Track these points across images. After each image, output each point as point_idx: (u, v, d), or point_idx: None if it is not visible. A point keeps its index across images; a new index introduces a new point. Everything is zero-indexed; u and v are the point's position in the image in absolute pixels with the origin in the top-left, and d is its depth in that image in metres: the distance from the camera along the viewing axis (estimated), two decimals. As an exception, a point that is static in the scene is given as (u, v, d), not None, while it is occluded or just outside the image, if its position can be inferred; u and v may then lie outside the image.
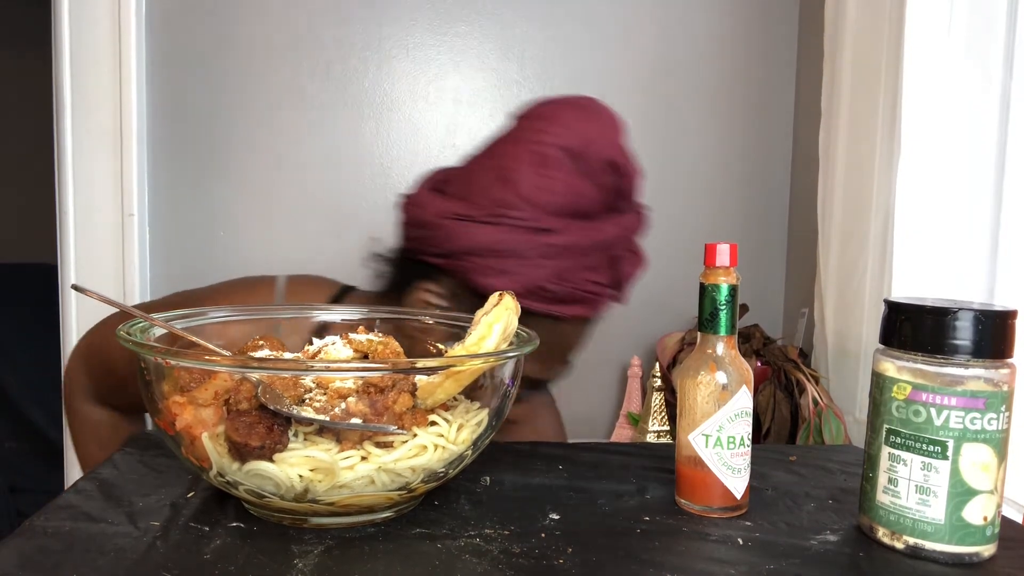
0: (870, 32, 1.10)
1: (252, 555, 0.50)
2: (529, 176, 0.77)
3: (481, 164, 0.81)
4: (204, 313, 0.69)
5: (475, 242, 0.76)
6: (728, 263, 0.61)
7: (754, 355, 1.26)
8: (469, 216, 0.77)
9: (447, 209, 0.78)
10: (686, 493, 0.62)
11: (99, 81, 1.33)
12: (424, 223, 0.79)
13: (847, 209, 1.16)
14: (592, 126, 0.80)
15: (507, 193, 0.77)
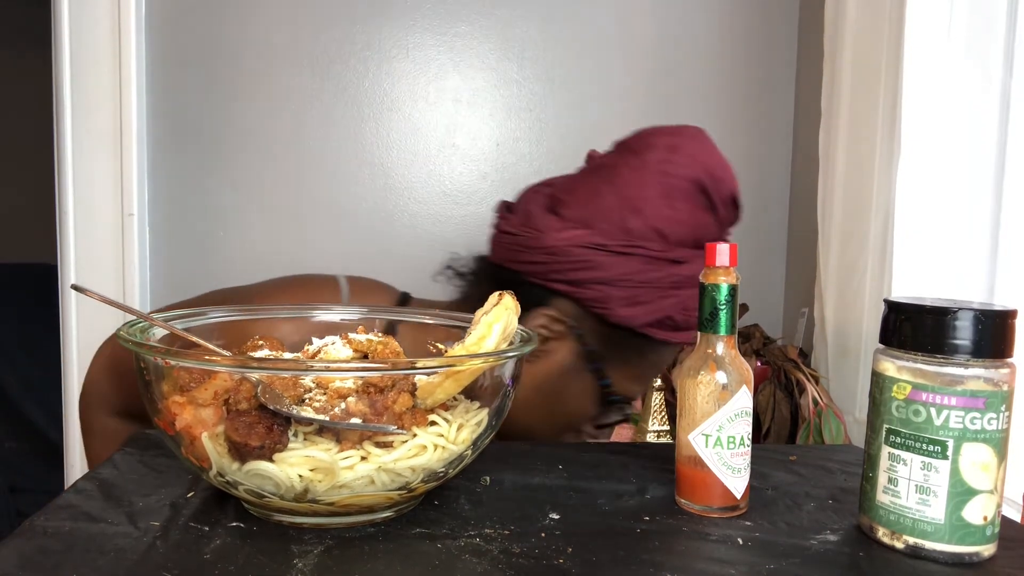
0: (870, 32, 1.10)
1: (252, 555, 0.50)
2: (659, 207, 0.78)
3: (599, 190, 0.80)
4: (204, 313, 0.69)
5: (610, 272, 0.77)
6: (728, 263, 0.61)
7: (754, 355, 1.26)
8: (603, 246, 0.77)
9: (577, 237, 0.78)
10: (686, 493, 0.62)
11: (99, 81, 1.33)
12: (550, 250, 0.78)
13: (847, 209, 1.16)
14: (714, 159, 0.82)
15: (638, 223, 0.78)
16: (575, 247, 0.78)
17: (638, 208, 0.78)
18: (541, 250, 0.79)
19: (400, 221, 1.45)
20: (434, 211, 1.45)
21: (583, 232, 0.78)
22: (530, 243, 0.80)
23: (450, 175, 1.45)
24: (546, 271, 0.80)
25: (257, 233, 1.43)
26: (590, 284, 0.79)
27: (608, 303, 0.79)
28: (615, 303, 0.79)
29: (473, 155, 1.45)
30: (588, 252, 0.78)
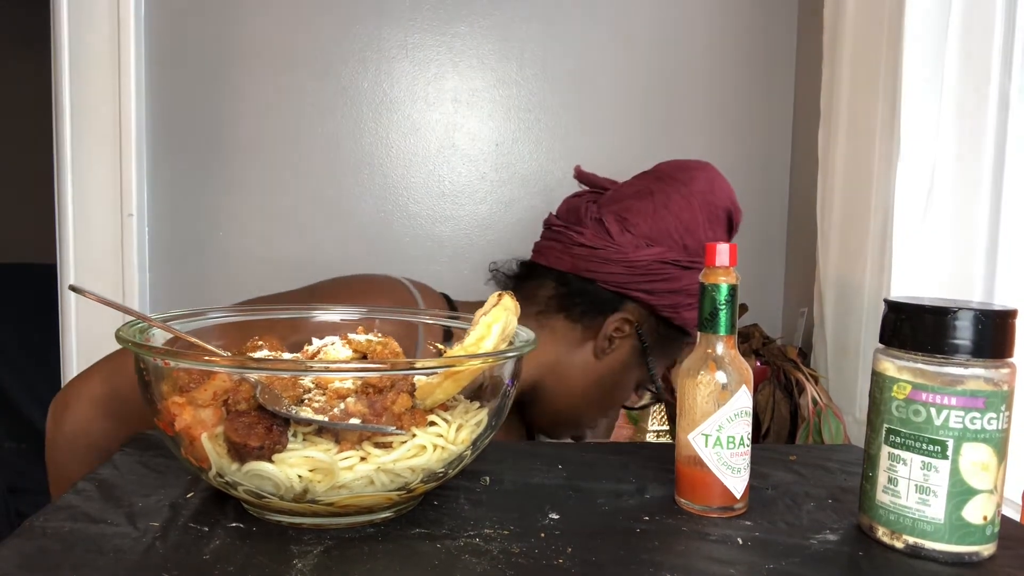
0: (869, 33, 1.10)
1: (252, 555, 0.50)
2: (708, 230, 0.94)
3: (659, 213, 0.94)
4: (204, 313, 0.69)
5: (680, 284, 0.93)
6: (728, 263, 0.61)
7: (753, 355, 1.26)
8: (676, 262, 0.92)
9: (656, 254, 0.92)
10: (686, 493, 0.62)
11: (99, 81, 1.33)
12: (631, 263, 0.92)
13: (847, 209, 1.16)
14: (732, 192, 0.99)
15: (692, 242, 0.93)
16: (655, 262, 0.92)
17: (692, 230, 0.93)
18: (623, 263, 0.92)
19: (399, 221, 1.45)
20: (433, 211, 1.45)
21: (659, 249, 0.93)
22: (611, 256, 0.92)
23: (449, 175, 1.45)
24: (625, 281, 0.93)
25: (257, 233, 1.42)
26: (664, 293, 0.94)
27: (678, 308, 0.95)
28: (683, 308, 0.95)
29: (472, 155, 1.45)
30: (665, 267, 0.92)
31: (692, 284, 0.93)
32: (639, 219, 0.93)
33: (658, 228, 0.93)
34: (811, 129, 1.29)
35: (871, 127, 1.09)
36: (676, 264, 0.92)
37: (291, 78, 1.41)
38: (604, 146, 1.47)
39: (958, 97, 0.99)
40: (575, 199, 1.01)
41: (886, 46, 1.06)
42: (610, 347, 0.96)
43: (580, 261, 0.94)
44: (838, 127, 1.17)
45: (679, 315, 0.95)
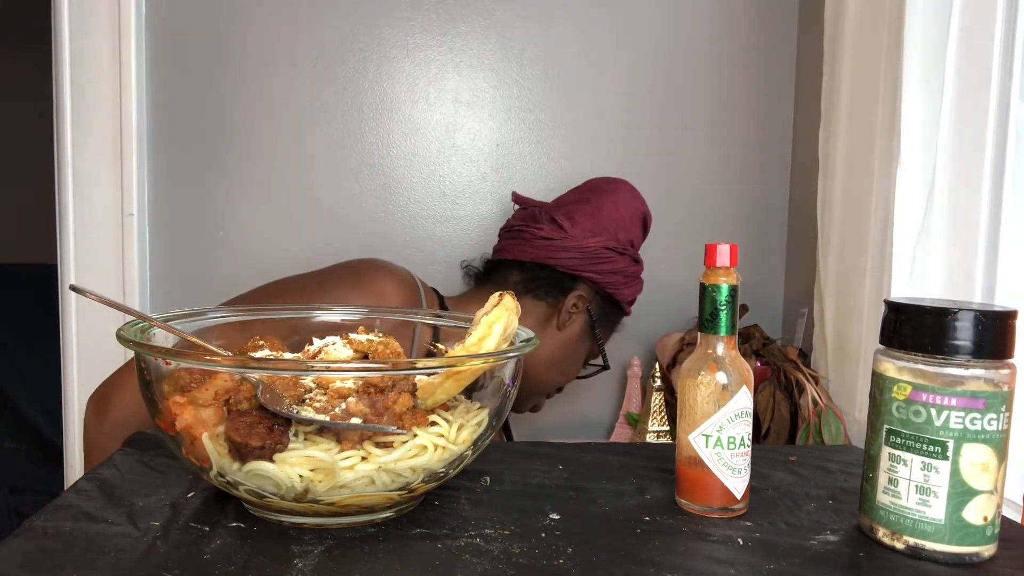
0: (869, 33, 1.10)
1: (252, 555, 0.50)
2: (631, 227, 1.21)
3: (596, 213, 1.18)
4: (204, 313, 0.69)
5: (617, 266, 1.19)
6: (728, 263, 0.61)
7: (754, 355, 1.26)
8: (614, 248, 1.18)
9: (600, 242, 1.17)
10: (686, 493, 0.62)
11: (99, 81, 1.33)
12: (583, 249, 1.16)
13: (847, 209, 1.16)
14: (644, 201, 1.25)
15: (623, 236, 1.19)
16: (600, 247, 1.17)
17: (622, 227, 1.20)
18: (576, 250, 1.16)
19: (400, 221, 1.45)
20: (434, 211, 1.45)
21: (600, 239, 1.17)
22: (567, 245, 1.16)
23: (450, 175, 1.45)
24: (578, 264, 1.16)
25: (257, 233, 1.42)
26: (606, 273, 1.18)
27: (616, 286, 1.20)
28: (622, 286, 1.20)
29: (473, 155, 1.45)
30: (608, 252, 1.17)
31: (626, 267, 1.19)
32: (583, 218, 1.18)
33: (597, 224, 1.18)
34: (811, 130, 1.29)
35: (871, 128, 1.09)
36: (614, 251, 1.18)
37: (291, 78, 1.41)
38: (604, 146, 1.47)
39: (958, 97, 0.99)
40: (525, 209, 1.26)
41: (886, 47, 1.06)
42: (569, 321, 1.18)
43: (540, 251, 1.17)
44: (838, 127, 1.17)
45: (619, 292, 1.20)
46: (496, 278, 1.22)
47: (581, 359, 1.25)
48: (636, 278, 1.23)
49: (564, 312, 1.17)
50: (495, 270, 1.23)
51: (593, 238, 1.17)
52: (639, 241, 1.24)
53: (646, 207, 1.25)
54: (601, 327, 1.23)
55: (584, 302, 1.18)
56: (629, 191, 1.24)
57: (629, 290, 1.22)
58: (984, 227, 0.97)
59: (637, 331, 1.46)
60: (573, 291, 1.18)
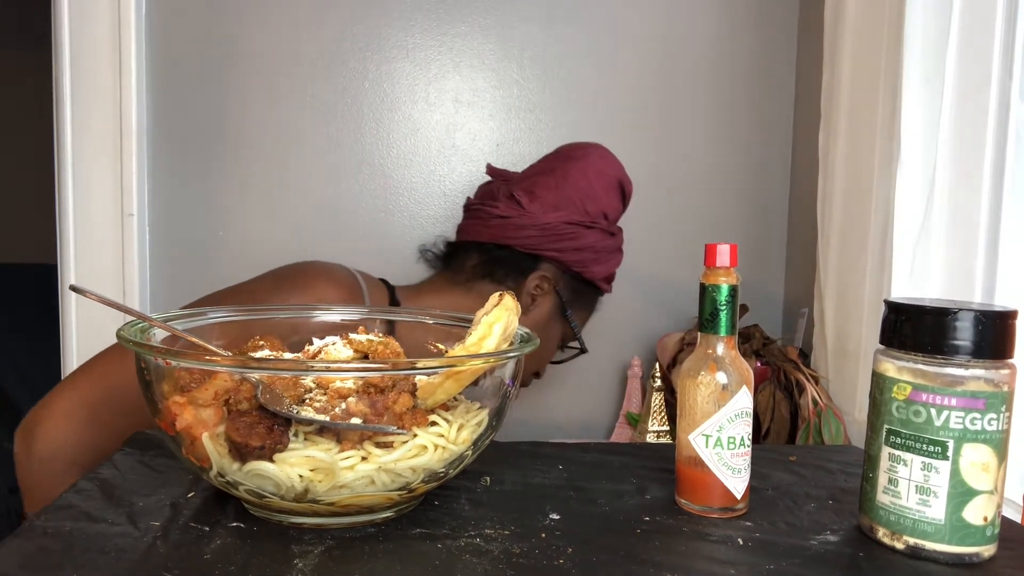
0: (869, 33, 1.10)
1: (252, 555, 0.50)
2: (603, 197, 1.09)
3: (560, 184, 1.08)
4: (204, 313, 0.69)
5: (584, 242, 1.08)
6: (728, 263, 0.61)
7: (754, 355, 1.26)
8: (579, 223, 1.07)
9: (561, 217, 1.06)
10: (686, 493, 0.62)
11: (99, 81, 1.33)
12: (542, 226, 1.06)
13: (847, 209, 1.16)
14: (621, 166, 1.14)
15: (592, 207, 1.08)
16: (561, 223, 1.06)
17: (590, 196, 1.08)
18: (534, 227, 1.06)
19: (400, 221, 1.45)
20: (434, 211, 1.45)
21: (564, 213, 1.06)
22: (524, 222, 1.06)
23: (450, 175, 1.45)
24: (538, 243, 1.06)
25: (257, 233, 1.42)
26: (571, 251, 1.08)
27: (585, 264, 1.09)
28: (590, 263, 1.10)
29: (473, 155, 1.45)
30: (569, 228, 1.07)
31: (596, 242, 1.08)
32: (544, 191, 1.08)
33: (561, 196, 1.07)
34: (811, 129, 1.29)
35: (871, 128, 1.09)
36: (580, 224, 1.07)
37: (292, 78, 1.41)
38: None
39: (958, 97, 0.99)
40: (487, 185, 1.16)
41: (886, 47, 1.06)
42: (533, 304, 1.09)
43: (497, 231, 1.08)
44: (838, 127, 1.17)
45: (588, 269, 1.10)
46: (454, 263, 1.13)
47: (554, 344, 1.17)
48: (611, 252, 1.12)
49: (526, 295, 1.08)
50: (455, 253, 1.14)
51: (554, 212, 1.06)
52: (615, 211, 1.12)
53: (622, 172, 1.13)
54: (574, 308, 1.13)
55: (548, 283, 1.09)
56: (600, 156, 1.12)
57: (601, 266, 1.11)
58: (984, 227, 0.97)
59: (637, 331, 1.46)
60: (535, 272, 1.08)
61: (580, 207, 1.07)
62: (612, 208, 1.11)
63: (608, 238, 1.10)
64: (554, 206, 1.06)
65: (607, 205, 1.10)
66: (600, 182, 1.09)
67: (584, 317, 1.19)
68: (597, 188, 1.08)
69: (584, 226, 1.07)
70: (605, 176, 1.10)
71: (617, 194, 1.11)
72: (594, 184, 1.08)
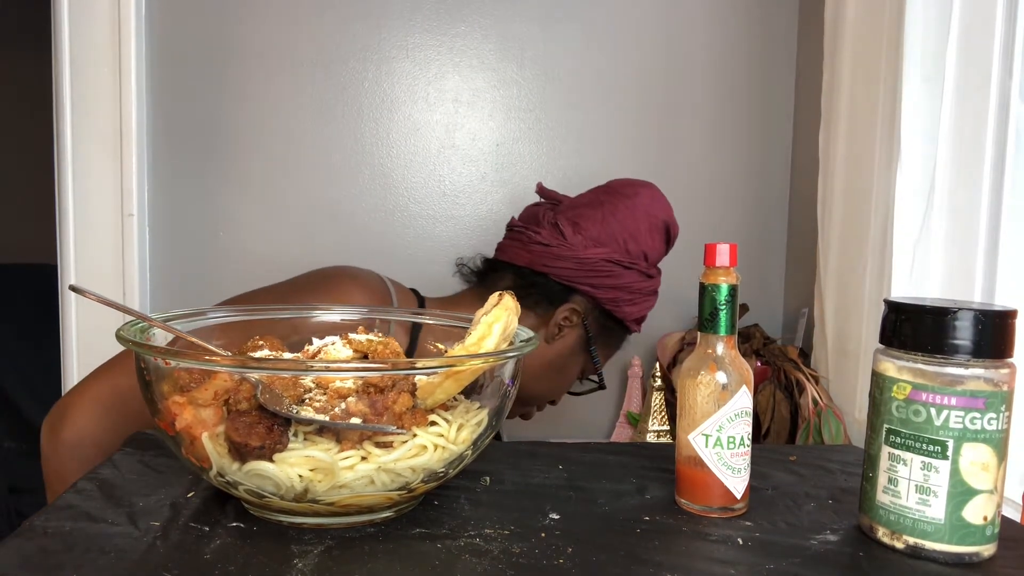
0: (869, 33, 1.10)
1: (252, 555, 0.50)
2: (647, 238, 1.07)
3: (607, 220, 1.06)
4: (204, 313, 0.69)
5: (621, 280, 1.06)
6: (728, 263, 0.61)
7: (754, 355, 1.26)
8: (619, 261, 1.05)
9: (602, 253, 1.05)
10: (686, 493, 0.62)
11: (99, 81, 1.33)
12: (581, 260, 1.04)
13: (847, 209, 1.16)
14: (670, 209, 1.11)
15: (634, 247, 1.06)
16: (600, 260, 1.05)
17: (634, 236, 1.07)
18: (573, 259, 1.05)
19: (400, 221, 1.45)
20: (434, 211, 1.45)
21: (605, 249, 1.05)
22: (563, 253, 1.05)
23: (450, 175, 1.45)
24: (574, 275, 1.05)
25: (257, 233, 1.43)
26: (606, 288, 1.06)
27: (618, 302, 1.08)
28: (623, 303, 1.08)
29: (473, 155, 1.45)
30: (609, 265, 1.05)
31: (632, 283, 1.07)
32: (589, 224, 1.06)
33: (605, 232, 1.06)
34: (811, 129, 1.29)
35: (871, 127, 1.09)
36: (619, 264, 1.05)
37: (291, 78, 1.41)
38: (604, 146, 1.47)
39: (958, 97, 0.99)
40: (534, 207, 1.14)
41: (886, 46, 1.06)
42: (559, 334, 1.08)
43: (536, 257, 1.06)
44: (838, 127, 1.17)
45: (620, 309, 1.08)
46: (489, 280, 1.12)
47: (573, 375, 1.15)
48: (646, 295, 1.11)
49: (553, 325, 1.07)
50: (492, 270, 1.13)
51: (595, 248, 1.05)
52: (657, 253, 1.11)
53: (670, 215, 1.11)
54: (599, 344, 1.12)
55: (578, 316, 1.07)
56: (650, 196, 1.10)
57: (634, 308, 1.10)
58: (984, 227, 0.97)
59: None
60: (566, 303, 1.07)
61: (622, 246, 1.06)
62: (654, 250, 1.09)
63: (645, 280, 1.09)
64: (597, 241, 1.05)
65: (650, 247, 1.08)
66: (647, 223, 1.08)
67: (609, 354, 1.17)
68: (643, 229, 1.07)
69: (623, 266, 1.06)
70: (652, 218, 1.08)
71: (662, 237, 1.10)
72: (640, 224, 1.07)
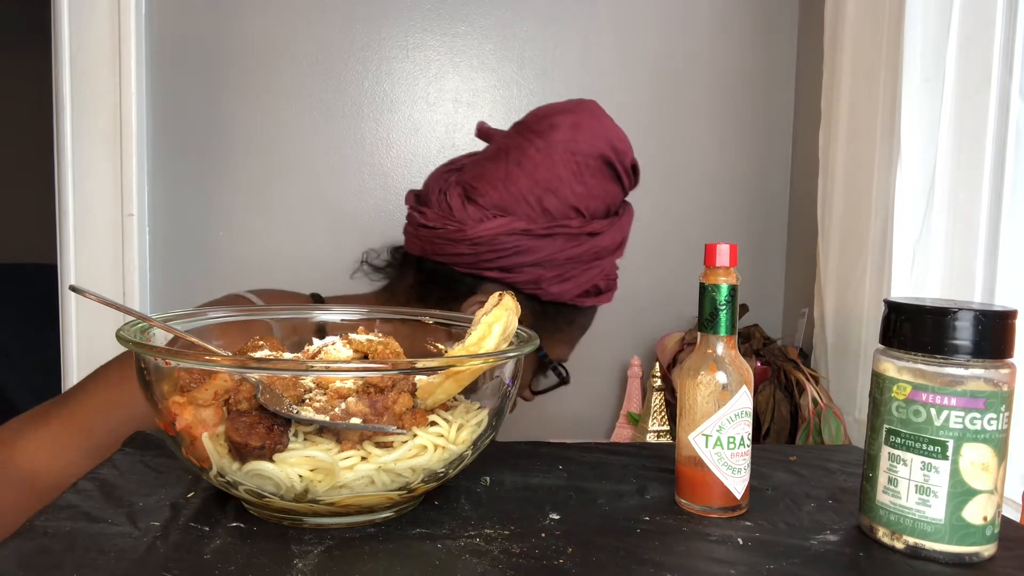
0: (869, 33, 1.10)
1: (252, 555, 0.50)
2: (572, 185, 0.80)
3: (511, 174, 0.81)
4: (204, 314, 0.69)
5: (537, 255, 0.80)
6: (728, 263, 0.61)
7: (754, 355, 1.26)
8: (527, 231, 0.79)
9: (501, 226, 0.79)
10: (686, 493, 0.62)
11: (99, 81, 1.33)
12: (475, 240, 0.79)
13: (847, 209, 1.16)
14: (613, 132, 0.84)
15: (555, 203, 0.80)
16: (501, 235, 0.80)
17: (553, 188, 0.80)
18: (466, 242, 0.80)
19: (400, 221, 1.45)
20: (434, 211, 1.45)
21: (505, 220, 0.80)
22: (452, 236, 0.81)
23: (450, 175, 1.45)
24: (475, 261, 0.81)
25: (257, 233, 1.43)
26: (521, 268, 0.81)
27: (540, 283, 0.82)
28: (546, 283, 0.82)
29: (473, 155, 1.46)
30: (513, 239, 0.80)
31: (556, 253, 0.80)
32: (488, 186, 0.81)
33: (509, 194, 0.80)
34: (811, 129, 1.29)
35: (871, 127, 1.09)
36: (528, 234, 0.80)
37: (291, 78, 1.41)
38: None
39: (958, 97, 0.99)
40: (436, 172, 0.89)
41: (886, 47, 1.06)
42: None
43: (427, 244, 0.83)
44: (838, 127, 1.17)
45: (544, 291, 0.83)
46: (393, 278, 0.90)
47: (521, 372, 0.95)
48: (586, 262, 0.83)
49: None
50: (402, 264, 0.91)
51: (492, 220, 0.79)
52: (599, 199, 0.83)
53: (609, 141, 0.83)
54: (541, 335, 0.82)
55: None
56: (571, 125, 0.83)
57: (568, 284, 0.83)
58: (984, 227, 0.97)
59: (637, 331, 1.46)
60: (473, 296, 0.83)
61: (536, 206, 0.80)
62: (592, 198, 0.82)
63: (580, 243, 0.82)
64: (499, 208, 0.80)
65: (582, 195, 0.81)
66: (569, 166, 0.81)
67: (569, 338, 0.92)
68: (564, 175, 0.80)
69: (535, 236, 0.80)
70: (577, 155, 0.81)
71: (603, 173, 0.82)
72: (560, 170, 0.80)
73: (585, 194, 0.81)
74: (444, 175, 0.87)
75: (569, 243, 0.81)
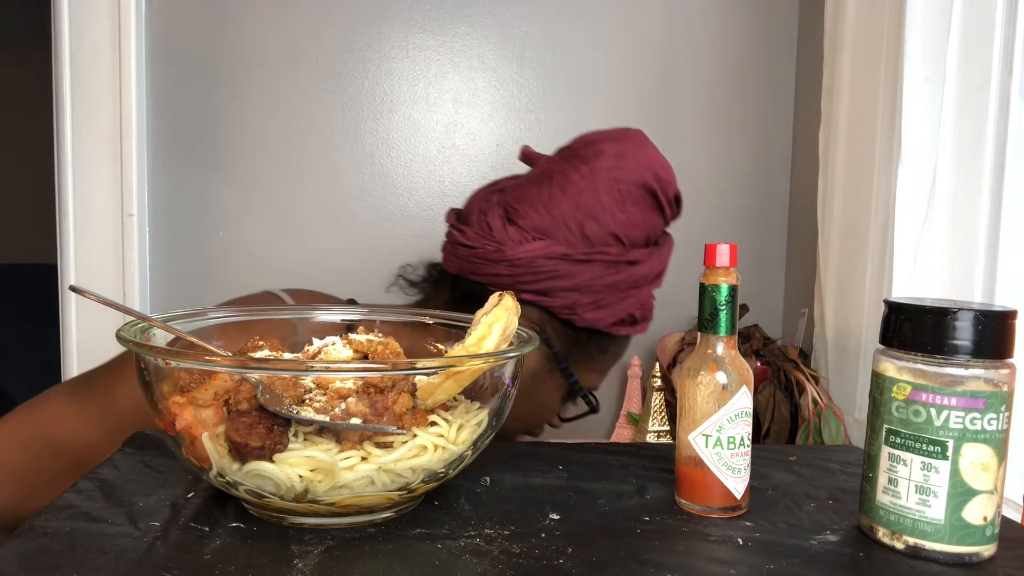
0: (869, 33, 1.10)
1: (252, 555, 0.50)
2: (614, 213, 0.81)
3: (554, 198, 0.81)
4: (204, 313, 0.69)
5: (575, 280, 0.80)
6: (728, 263, 0.61)
7: (754, 355, 1.26)
8: (566, 256, 0.80)
9: (540, 249, 0.80)
10: (686, 493, 0.62)
11: (99, 81, 1.33)
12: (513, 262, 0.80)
13: (847, 209, 1.16)
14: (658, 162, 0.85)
15: (595, 229, 0.81)
16: (539, 258, 0.80)
17: (594, 215, 0.81)
18: (504, 263, 0.81)
19: (399, 221, 1.45)
20: (433, 212, 1.45)
21: (545, 243, 0.81)
22: (491, 256, 0.82)
23: (450, 176, 1.45)
24: (512, 282, 0.82)
25: (257, 233, 1.43)
26: (557, 292, 0.82)
27: (576, 309, 0.83)
28: (582, 308, 0.83)
29: (473, 156, 1.45)
30: (552, 263, 0.81)
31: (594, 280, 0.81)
32: (530, 209, 0.82)
33: (551, 217, 0.81)
34: (811, 130, 1.29)
35: (871, 128, 1.09)
36: (566, 259, 0.80)
37: (291, 78, 1.41)
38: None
39: (958, 97, 0.99)
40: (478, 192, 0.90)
41: (886, 47, 1.06)
42: None
43: (465, 263, 0.84)
44: (838, 127, 1.17)
45: (579, 316, 0.83)
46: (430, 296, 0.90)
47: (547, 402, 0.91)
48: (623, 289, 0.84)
49: None
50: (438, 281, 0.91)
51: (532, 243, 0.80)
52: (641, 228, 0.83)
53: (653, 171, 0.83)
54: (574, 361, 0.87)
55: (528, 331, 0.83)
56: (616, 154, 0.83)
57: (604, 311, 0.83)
58: (984, 227, 0.97)
59: (637, 331, 1.46)
60: None
61: (576, 232, 0.81)
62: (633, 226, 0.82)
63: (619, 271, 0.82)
64: (539, 231, 0.81)
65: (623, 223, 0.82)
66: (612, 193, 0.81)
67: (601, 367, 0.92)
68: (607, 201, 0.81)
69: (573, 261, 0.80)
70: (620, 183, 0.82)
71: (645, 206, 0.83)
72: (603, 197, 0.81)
73: (626, 222, 0.82)
74: (486, 195, 0.88)
75: (607, 270, 0.82)
